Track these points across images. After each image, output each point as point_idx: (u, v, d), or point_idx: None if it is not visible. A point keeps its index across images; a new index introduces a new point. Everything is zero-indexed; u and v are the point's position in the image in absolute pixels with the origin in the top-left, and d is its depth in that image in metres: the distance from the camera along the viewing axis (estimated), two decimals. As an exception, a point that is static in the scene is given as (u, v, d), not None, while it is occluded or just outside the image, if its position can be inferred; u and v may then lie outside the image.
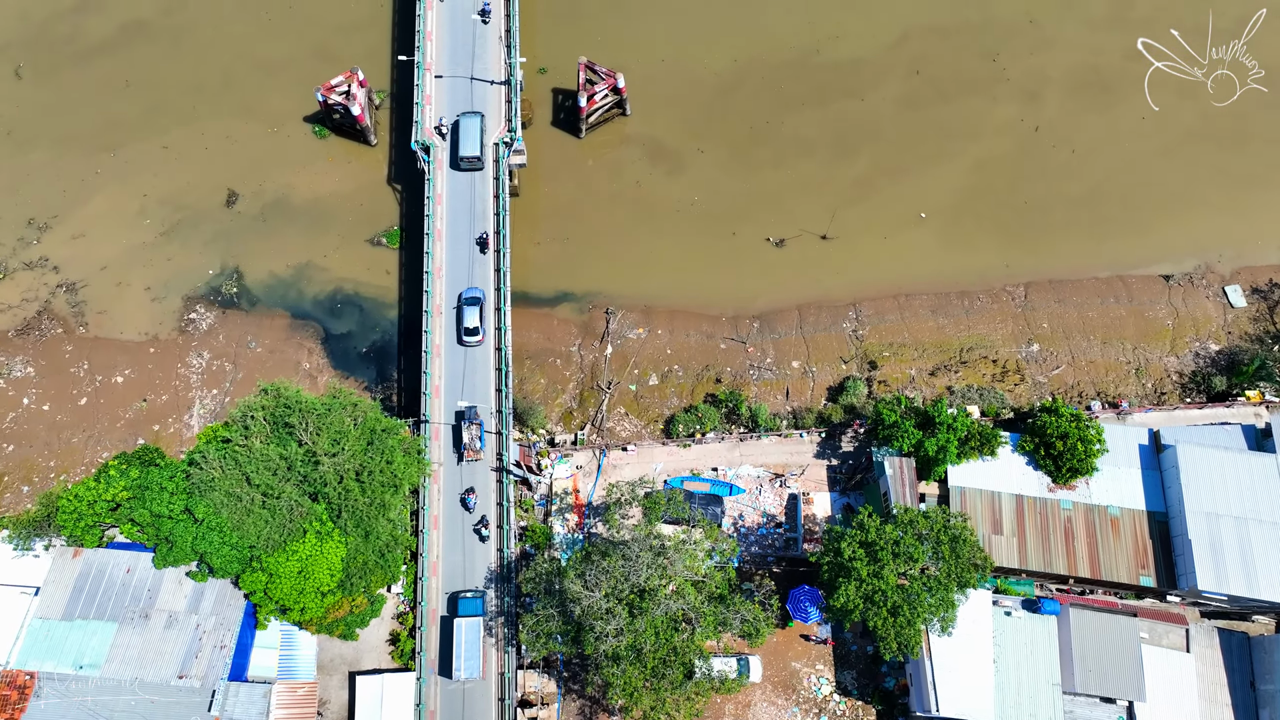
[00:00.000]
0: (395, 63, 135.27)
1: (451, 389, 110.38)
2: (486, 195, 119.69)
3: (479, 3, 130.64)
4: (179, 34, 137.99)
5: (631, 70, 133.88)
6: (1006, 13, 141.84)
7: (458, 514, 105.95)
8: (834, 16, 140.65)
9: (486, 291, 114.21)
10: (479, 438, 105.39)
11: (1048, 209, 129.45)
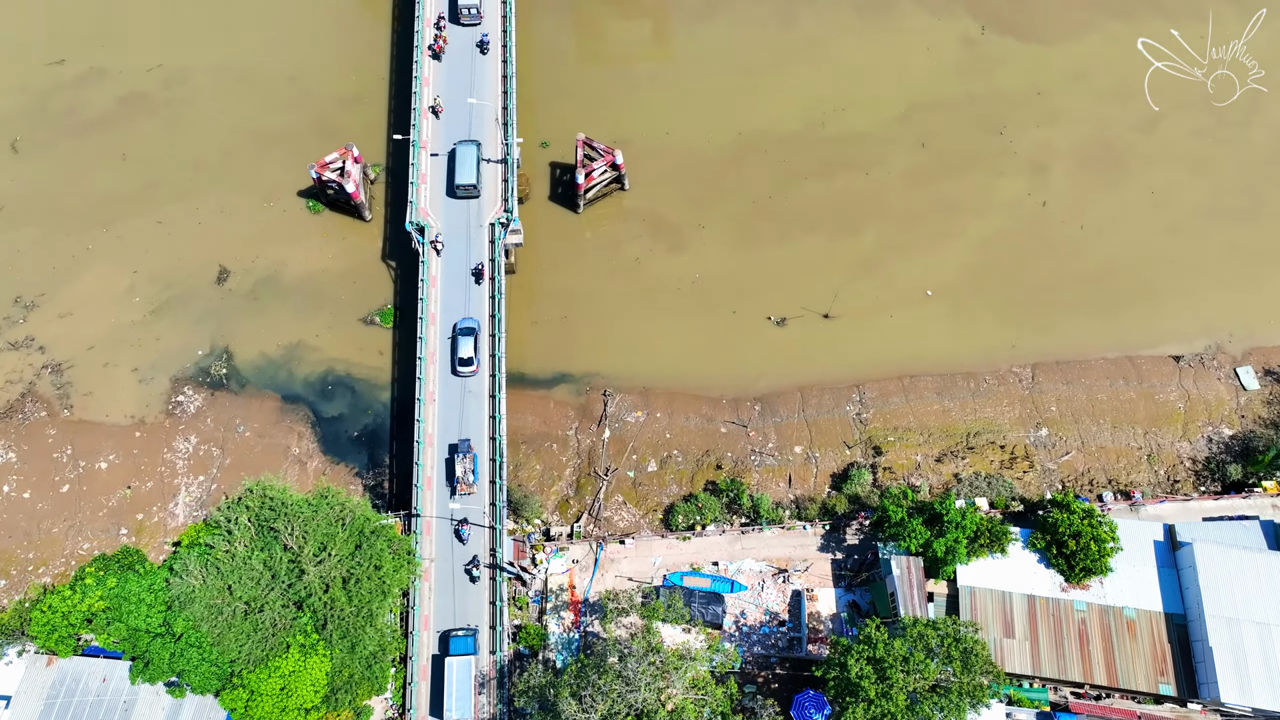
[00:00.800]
0: (392, 134, 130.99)
1: (446, 421, 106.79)
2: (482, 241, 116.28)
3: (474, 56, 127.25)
4: (179, 107, 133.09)
5: (633, 144, 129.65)
6: (1013, 85, 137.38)
7: (449, 551, 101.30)
8: (840, 89, 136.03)
9: (481, 320, 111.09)
10: (472, 471, 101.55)
11: (1055, 287, 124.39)
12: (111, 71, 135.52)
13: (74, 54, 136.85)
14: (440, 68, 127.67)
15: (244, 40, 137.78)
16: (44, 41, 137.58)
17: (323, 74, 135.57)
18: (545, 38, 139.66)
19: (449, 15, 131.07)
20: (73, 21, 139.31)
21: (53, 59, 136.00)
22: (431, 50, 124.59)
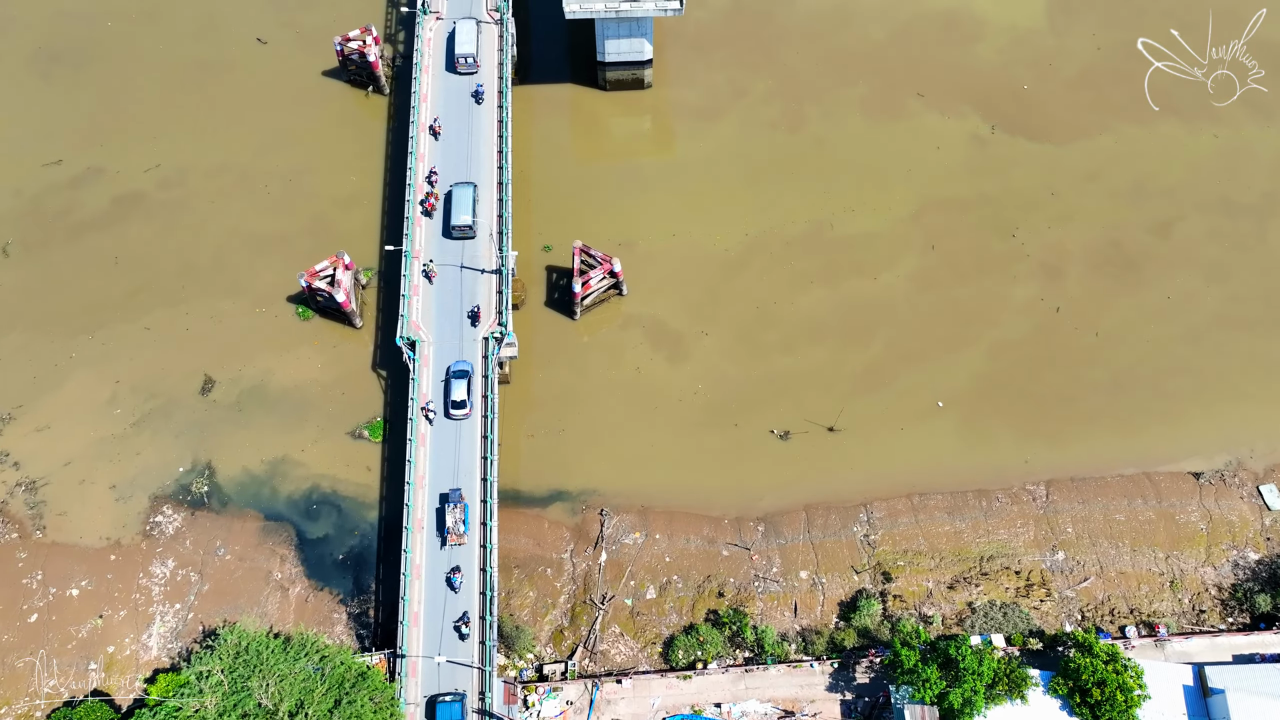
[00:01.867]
0: (388, 229, 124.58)
1: (438, 469, 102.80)
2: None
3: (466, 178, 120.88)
4: (175, 209, 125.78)
5: (638, 246, 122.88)
6: (1026, 185, 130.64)
7: (440, 604, 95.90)
8: (849, 189, 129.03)
9: (474, 364, 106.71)
10: (463, 521, 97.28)
11: (1070, 398, 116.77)
12: (108, 171, 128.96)
13: (71, 154, 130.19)
14: (433, 156, 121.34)
15: (244, 140, 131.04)
16: (42, 141, 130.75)
17: (322, 174, 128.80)
18: (547, 137, 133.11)
19: (446, 64, 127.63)
20: (72, 120, 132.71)
21: (50, 159, 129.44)
22: (423, 208, 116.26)
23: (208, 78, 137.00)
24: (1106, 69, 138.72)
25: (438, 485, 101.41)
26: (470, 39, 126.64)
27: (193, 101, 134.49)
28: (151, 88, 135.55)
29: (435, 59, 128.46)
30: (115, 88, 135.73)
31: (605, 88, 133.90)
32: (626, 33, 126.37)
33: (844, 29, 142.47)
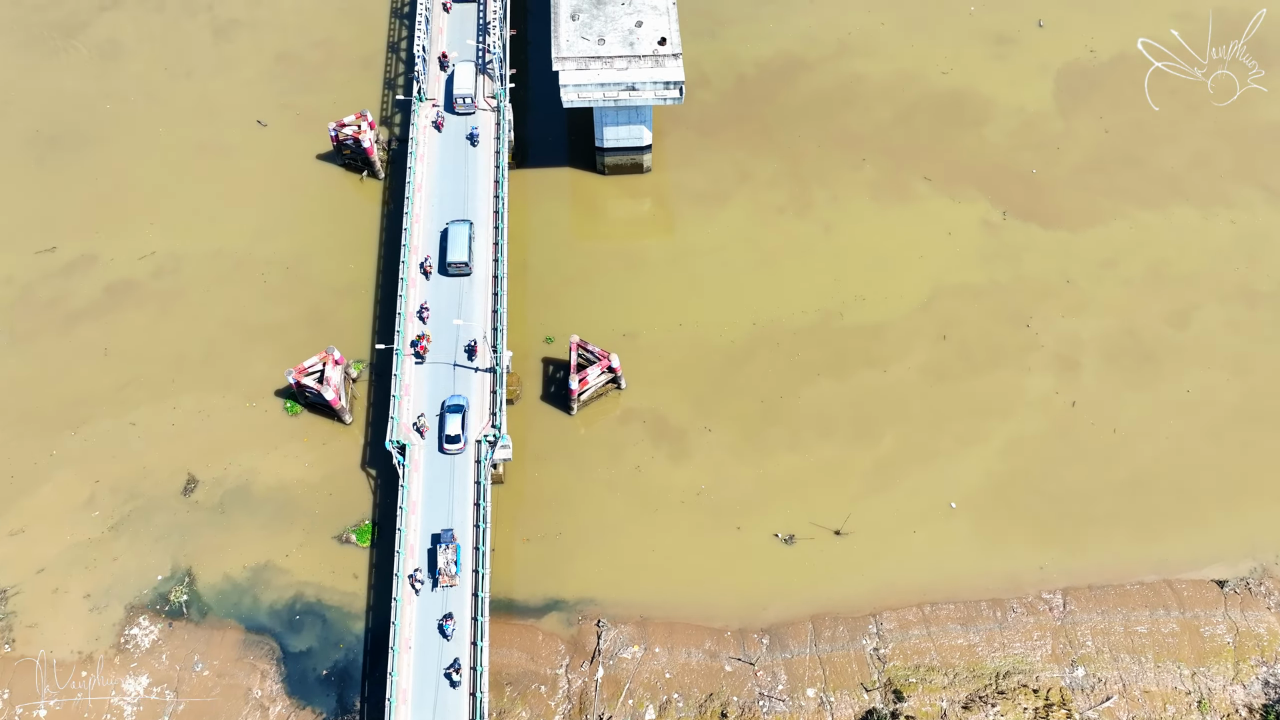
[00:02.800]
0: (378, 325, 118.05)
1: (430, 505, 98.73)
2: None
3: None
4: (169, 298, 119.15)
5: (641, 336, 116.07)
6: (1039, 272, 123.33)
7: (431, 649, 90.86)
8: (859, 276, 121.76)
9: (470, 397, 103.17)
10: (455, 562, 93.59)
11: (1087, 498, 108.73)
12: (103, 258, 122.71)
13: (66, 240, 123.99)
14: (429, 283, 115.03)
15: (241, 225, 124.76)
16: (37, 227, 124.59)
17: (319, 261, 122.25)
18: (547, 223, 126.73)
19: (444, 104, 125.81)
20: (68, 205, 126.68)
21: (43, 247, 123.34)
22: (415, 350, 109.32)
23: (206, 161, 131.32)
24: (1115, 152, 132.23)
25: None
26: (469, 80, 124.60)
27: (190, 186, 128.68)
28: (149, 172, 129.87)
29: (430, 146, 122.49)
30: (113, 171, 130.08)
31: (604, 172, 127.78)
32: (625, 120, 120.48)
33: (848, 110, 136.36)
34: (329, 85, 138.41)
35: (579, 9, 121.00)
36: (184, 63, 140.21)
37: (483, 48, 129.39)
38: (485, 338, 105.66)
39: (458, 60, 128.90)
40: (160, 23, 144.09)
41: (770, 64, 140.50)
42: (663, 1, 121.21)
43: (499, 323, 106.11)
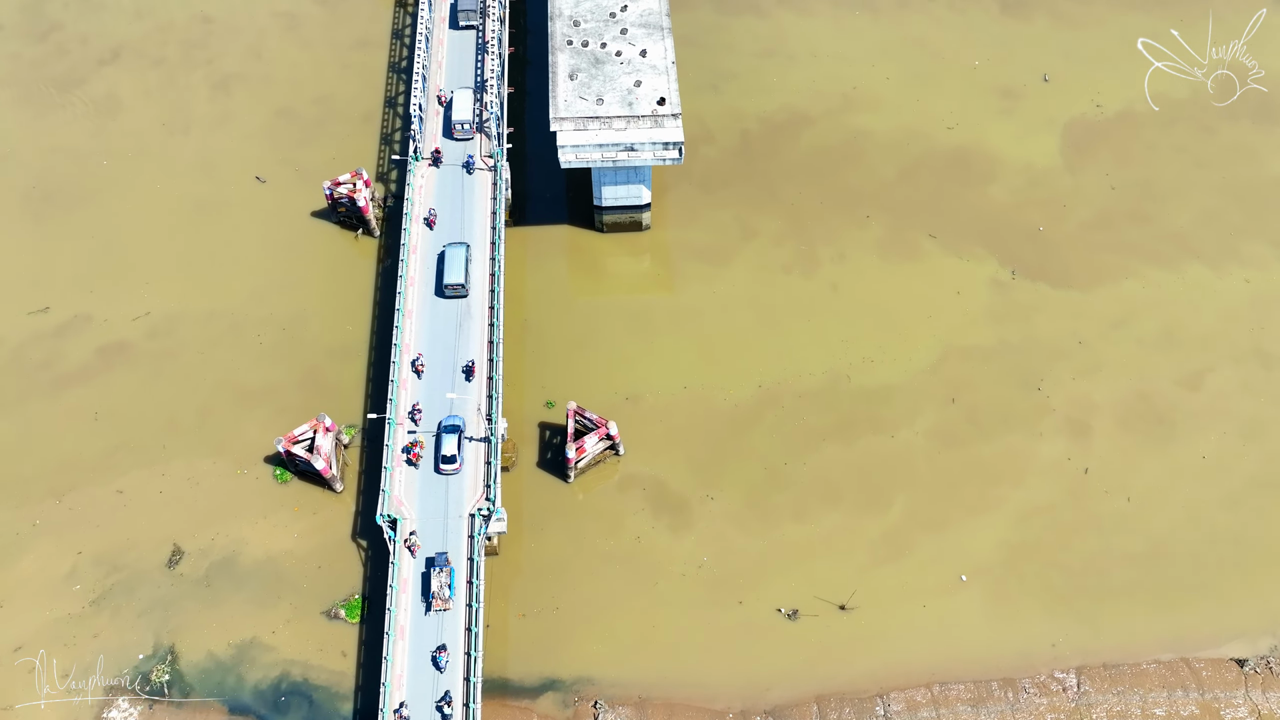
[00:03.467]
0: (371, 389, 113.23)
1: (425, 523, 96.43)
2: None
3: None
4: (162, 360, 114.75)
5: (645, 399, 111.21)
6: (1050, 332, 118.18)
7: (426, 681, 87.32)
8: (868, 336, 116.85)
9: (467, 419, 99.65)
10: (448, 585, 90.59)
11: (1101, 569, 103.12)
12: (96, 319, 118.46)
13: (60, 300, 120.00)
14: (422, 328, 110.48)
15: (237, 285, 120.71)
16: (31, 287, 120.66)
17: (315, 323, 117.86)
18: (546, 282, 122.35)
19: (443, 130, 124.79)
20: (63, 264, 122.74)
21: (36, 307, 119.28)
22: (407, 457, 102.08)
23: (204, 218, 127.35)
24: (1122, 209, 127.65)
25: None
26: (466, 106, 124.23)
27: (187, 244, 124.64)
28: (146, 229, 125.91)
29: (425, 205, 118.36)
30: (109, 229, 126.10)
31: (603, 230, 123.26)
32: (624, 179, 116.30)
33: (851, 166, 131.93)
34: (328, 141, 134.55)
35: (577, 68, 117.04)
36: (182, 118, 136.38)
37: (479, 106, 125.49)
38: (480, 409, 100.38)
39: (456, 88, 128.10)
40: (158, 78, 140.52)
41: (773, 118, 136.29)
42: (661, 61, 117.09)
43: (494, 390, 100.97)
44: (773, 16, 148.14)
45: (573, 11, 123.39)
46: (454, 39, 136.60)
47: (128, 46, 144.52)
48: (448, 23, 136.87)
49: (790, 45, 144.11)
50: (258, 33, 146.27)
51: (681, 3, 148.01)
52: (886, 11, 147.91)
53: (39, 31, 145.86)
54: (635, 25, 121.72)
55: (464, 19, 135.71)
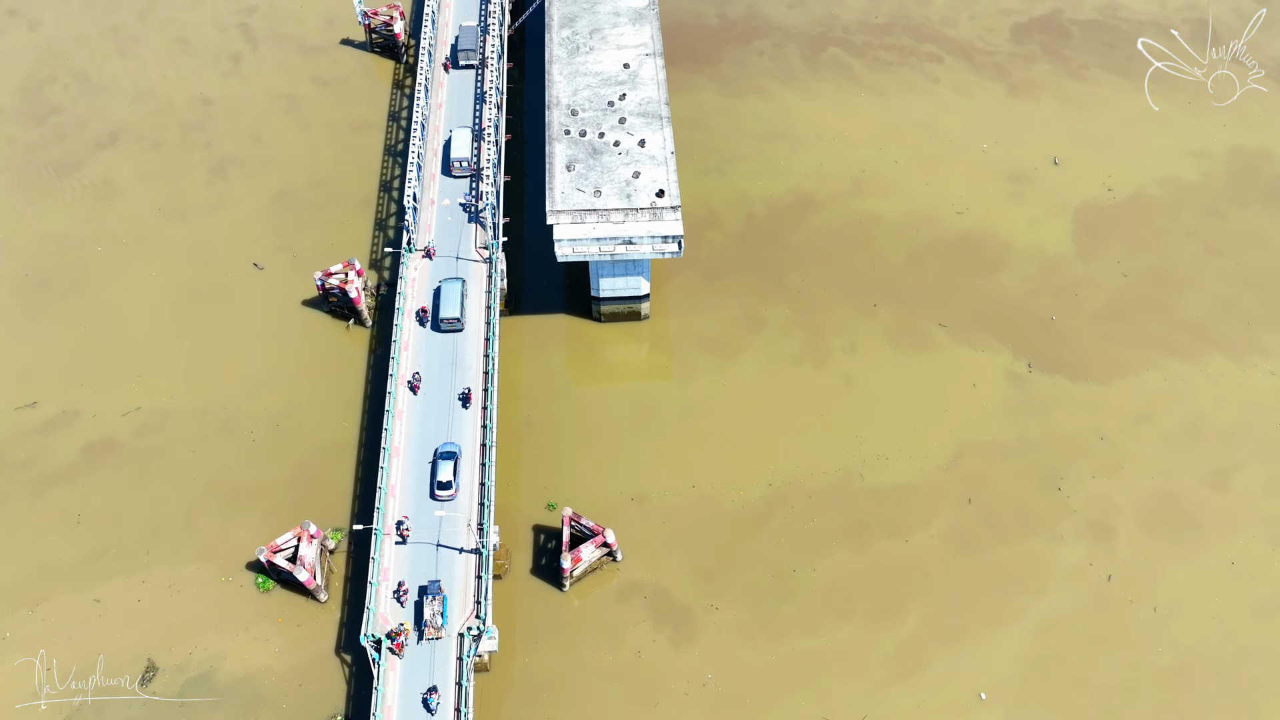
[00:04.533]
0: (360, 489, 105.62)
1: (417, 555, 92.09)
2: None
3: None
4: (150, 459, 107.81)
5: (649, 500, 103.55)
6: (1070, 427, 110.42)
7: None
8: (883, 431, 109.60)
9: (456, 533, 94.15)
10: (441, 614, 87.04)
11: (1128, 688, 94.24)
12: (84, 415, 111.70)
13: (48, 394, 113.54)
14: (413, 428, 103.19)
15: (231, 378, 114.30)
16: (19, 380, 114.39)
17: (309, 418, 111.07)
18: (545, 374, 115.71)
19: (442, 167, 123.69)
20: (53, 356, 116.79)
21: (24, 401, 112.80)
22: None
23: (199, 306, 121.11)
24: (1135, 298, 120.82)
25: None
26: (464, 145, 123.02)
27: (181, 334, 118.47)
28: (139, 319, 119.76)
29: (417, 299, 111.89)
30: (102, 318, 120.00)
31: (600, 320, 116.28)
32: (623, 271, 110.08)
33: (858, 252, 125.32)
34: (327, 225, 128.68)
35: (574, 159, 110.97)
36: (179, 203, 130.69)
37: (474, 195, 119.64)
38: (470, 524, 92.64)
39: (454, 127, 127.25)
40: (157, 161, 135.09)
41: (779, 202, 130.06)
42: (660, 151, 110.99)
43: (485, 497, 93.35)
44: (777, 98, 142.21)
45: (570, 100, 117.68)
46: (453, 81, 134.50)
47: (126, 129, 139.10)
48: (447, 70, 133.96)
49: (796, 127, 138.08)
50: (257, 115, 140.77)
51: (685, 83, 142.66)
52: (892, 94, 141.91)
53: (37, 114, 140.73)
54: (634, 114, 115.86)
55: (464, 58, 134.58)
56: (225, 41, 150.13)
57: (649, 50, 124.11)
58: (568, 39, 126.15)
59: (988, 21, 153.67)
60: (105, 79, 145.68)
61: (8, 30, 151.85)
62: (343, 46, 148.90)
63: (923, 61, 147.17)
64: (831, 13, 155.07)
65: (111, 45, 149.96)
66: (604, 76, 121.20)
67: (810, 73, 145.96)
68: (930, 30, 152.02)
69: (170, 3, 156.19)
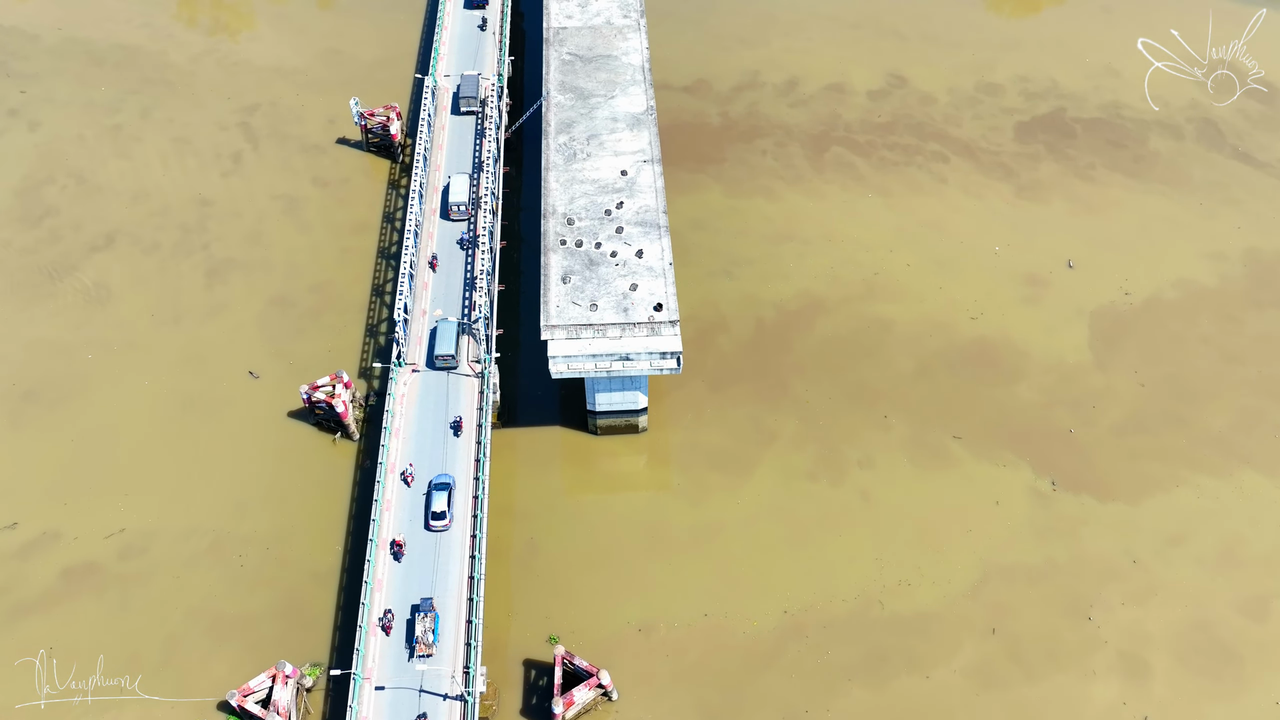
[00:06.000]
0: (341, 618, 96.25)
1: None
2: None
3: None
4: (132, 584, 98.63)
5: (658, 629, 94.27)
6: (1100, 550, 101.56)
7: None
8: (904, 553, 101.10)
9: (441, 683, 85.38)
10: (433, 630, 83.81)
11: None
12: (65, 536, 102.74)
13: (30, 514, 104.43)
14: (398, 569, 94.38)
15: (221, 497, 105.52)
16: (1, 499, 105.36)
17: (299, 542, 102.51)
18: (544, 493, 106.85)
19: (440, 211, 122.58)
20: (37, 472, 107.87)
21: (3, 523, 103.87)
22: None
23: (190, 418, 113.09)
24: (1155, 410, 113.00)
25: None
26: (463, 189, 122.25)
27: (171, 448, 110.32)
28: (129, 431, 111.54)
29: (407, 415, 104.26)
30: (89, 431, 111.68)
31: (595, 433, 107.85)
32: (620, 386, 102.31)
33: (867, 360, 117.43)
34: (324, 332, 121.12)
35: (570, 270, 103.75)
36: (173, 307, 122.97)
37: (469, 305, 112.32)
38: (455, 678, 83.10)
39: (453, 174, 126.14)
40: (153, 264, 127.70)
41: (788, 306, 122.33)
42: (659, 262, 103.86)
43: (473, 637, 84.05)
44: (784, 199, 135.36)
45: (567, 209, 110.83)
46: (454, 126, 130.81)
47: (123, 231, 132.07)
48: (438, 214, 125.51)
49: (804, 229, 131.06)
50: (257, 216, 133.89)
51: (690, 184, 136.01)
52: (899, 195, 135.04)
53: (34, 217, 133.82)
54: (631, 223, 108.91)
55: (465, 105, 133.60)
56: (226, 140, 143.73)
57: (647, 156, 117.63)
58: (564, 145, 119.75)
59: (991, 120, 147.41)
60: (104, 180, 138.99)
61: (7, 130, 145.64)
62: (344, 146, 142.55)
63: (929, 161, 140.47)
64: (833, 111, 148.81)
65: (112, 145, 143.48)
66: (601, 184, 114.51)
67: (815, 172, 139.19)
68: (934, 129, 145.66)
69: (173, 101, 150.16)
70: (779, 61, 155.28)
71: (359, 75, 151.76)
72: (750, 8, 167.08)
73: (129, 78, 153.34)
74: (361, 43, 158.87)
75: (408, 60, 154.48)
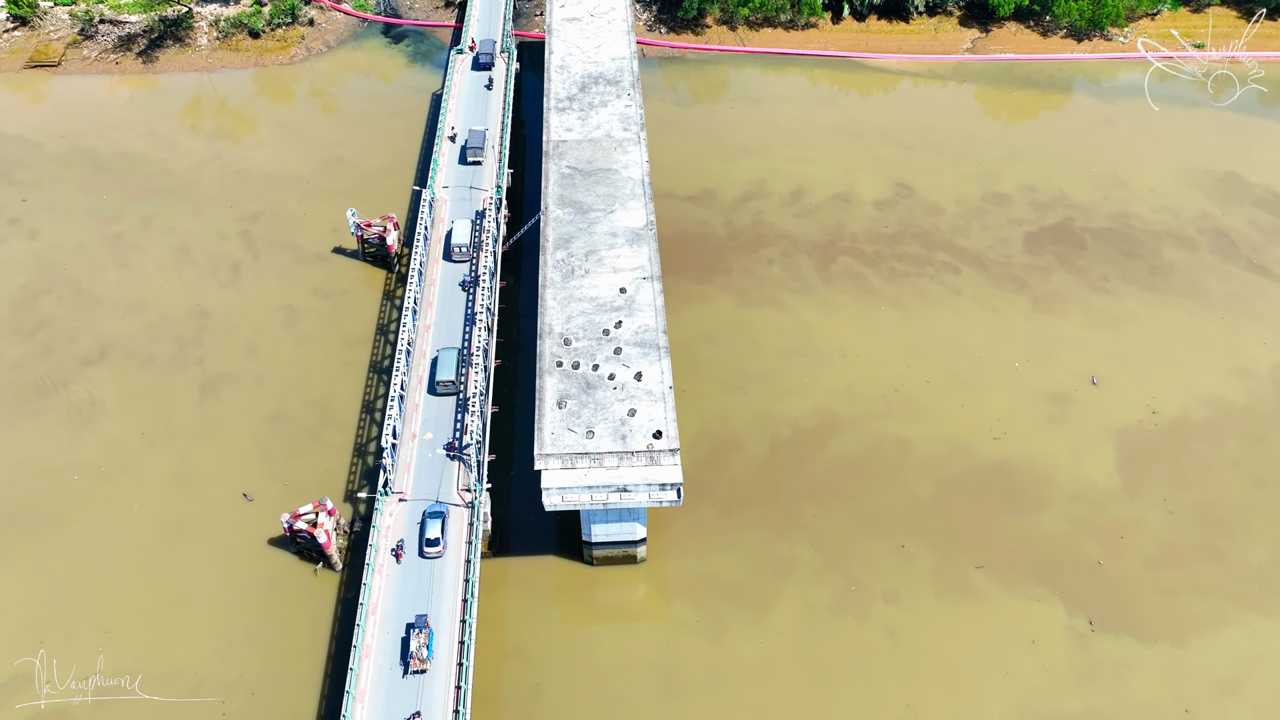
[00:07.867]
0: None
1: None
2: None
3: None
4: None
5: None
6: (1148, 696, 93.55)
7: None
8: (938, 700, 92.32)
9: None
10: (427, 645, 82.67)
11: None
12: (35, 683, 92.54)
13: (2, 654, 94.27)
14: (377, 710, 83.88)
15: (204, 636, 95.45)
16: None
17: (282, 687, 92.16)
18: (544, 635, 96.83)
19: (443, 253, 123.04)
20: (12, 608, 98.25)
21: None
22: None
23: (178, 545, 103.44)
24: (1187, 541, 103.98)
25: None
26: (464, 232, 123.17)
27: (155, 580, 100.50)
28: (113, 560, 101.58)
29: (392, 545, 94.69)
30: (69, 561, 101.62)
31: (591, 564, 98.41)
32: (617, 518, 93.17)
33: (883, 486, 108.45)
34: (322, 450, 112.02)
35: (566, 394, 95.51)
36: (165, 425, 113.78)
37: (460, 429, 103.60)
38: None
39: (455, 218, 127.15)
40: (146, 379, 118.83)
41: (802, 424, 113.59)
42: (658, 386, 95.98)
43: None
44: (795, 311, 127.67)
45: (563, 328, 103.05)
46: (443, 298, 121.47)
47: (117, 344, 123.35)
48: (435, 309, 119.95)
49: (817, 343, 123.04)
50: (254, 328, 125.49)
51: (697, 294, 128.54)
52: (913, 307, 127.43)
53: (27, 329, 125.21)
54: (630, 344, 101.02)
55: (471, 155, 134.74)
56: (226, 250, 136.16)
57: (646, 273, 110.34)
58: (563, 260, 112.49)
59: (999, 231, 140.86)
60: (101, 290, 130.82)
61: (7, 239, 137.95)
62: (344, 256, 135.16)
63: (939, 272, 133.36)
64: (839, 221, 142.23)
65: (111, 254, 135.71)
66: (599, 302, 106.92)
67: (825, 284, 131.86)
68: (941, 239, 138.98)
69: (175, 210, 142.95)
70: (784, 171, 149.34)
71: (361, 184, 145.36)
72: (755, 116, 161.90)
73: (131, 186, 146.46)
74: (364, 150, 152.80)
75: (408, 169, 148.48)
